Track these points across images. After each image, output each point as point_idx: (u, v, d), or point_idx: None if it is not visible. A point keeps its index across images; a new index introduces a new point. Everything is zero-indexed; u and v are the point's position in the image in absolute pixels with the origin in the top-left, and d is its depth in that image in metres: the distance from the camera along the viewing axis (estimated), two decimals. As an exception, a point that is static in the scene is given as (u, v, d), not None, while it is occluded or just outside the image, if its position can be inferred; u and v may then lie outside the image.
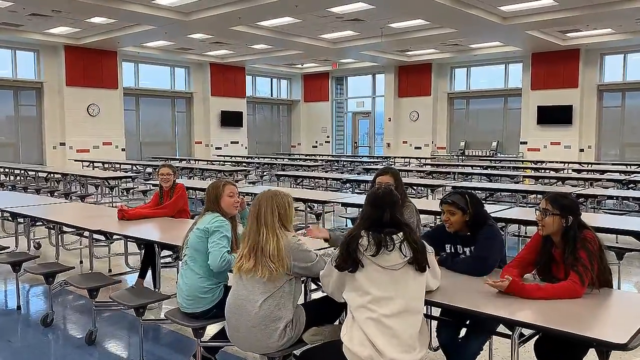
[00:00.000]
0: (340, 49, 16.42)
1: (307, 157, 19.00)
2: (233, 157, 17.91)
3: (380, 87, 20.96)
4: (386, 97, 20.38)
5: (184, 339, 3.87)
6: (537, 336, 2.58)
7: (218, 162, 16.00)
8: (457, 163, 15.92)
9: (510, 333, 2.37)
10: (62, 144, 16.06)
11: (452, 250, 3.17)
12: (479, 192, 7.49)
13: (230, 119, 20.10)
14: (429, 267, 2.50)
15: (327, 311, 3.05)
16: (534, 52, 16.56)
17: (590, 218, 4.39)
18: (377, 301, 2.39)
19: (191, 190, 8.26)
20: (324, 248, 3.42)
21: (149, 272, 4.73)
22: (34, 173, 11.99)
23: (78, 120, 16.14)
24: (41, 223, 5.35)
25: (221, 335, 3.13)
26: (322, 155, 19.71)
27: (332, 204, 6.62)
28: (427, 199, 8.43)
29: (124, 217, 4.73)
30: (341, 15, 12.48)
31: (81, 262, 5.99)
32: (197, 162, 16.50)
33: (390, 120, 20.13)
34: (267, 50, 17.45)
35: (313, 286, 3.22)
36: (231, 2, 11.38)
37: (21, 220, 5.62)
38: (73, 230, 5.06)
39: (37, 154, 16.13)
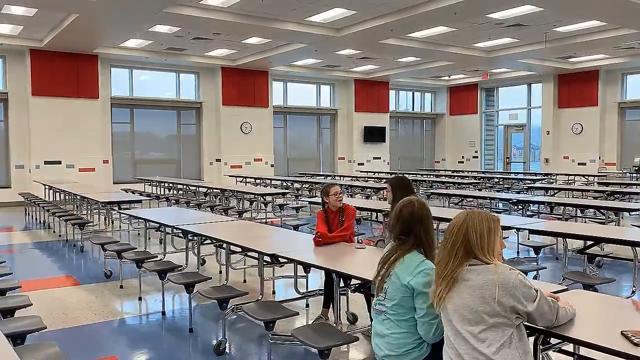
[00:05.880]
0: (493, 58, 15.33)
1: (454, 174, 18.00)
2: (376, 173, 17.55)
3: (536, 98, 19.27)
4: (544, 108, 18.67)
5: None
6: None
7: (362, 179, 15.71)
8: (632, 182, 13.93)
9: None
10: (218, 160, 16.91)
11: None
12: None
13: (373, 135, 19.86)
14: None
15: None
16: None
17: None
18: None
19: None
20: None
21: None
22: (194, 188, 12.62)
23: (232, 138, 16.90)
24: (210, 241, 5.30)
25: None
26: (470, 171, 18.54)
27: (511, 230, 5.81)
28: (618, 225, 7.19)
29: (320, 243, 4.29)
30: (501, 21, 11.54)
31: (244, 281, 5.92)
32: (341, 178, 16.37)
33: (548, 134, 18.40)
34: (413, 63, 16.91)
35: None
36: (384, 14, 11.02)
37: (191, 237, 5.66)
38: (241, 252, 4.89)
39: (195, 170, 17.16)
